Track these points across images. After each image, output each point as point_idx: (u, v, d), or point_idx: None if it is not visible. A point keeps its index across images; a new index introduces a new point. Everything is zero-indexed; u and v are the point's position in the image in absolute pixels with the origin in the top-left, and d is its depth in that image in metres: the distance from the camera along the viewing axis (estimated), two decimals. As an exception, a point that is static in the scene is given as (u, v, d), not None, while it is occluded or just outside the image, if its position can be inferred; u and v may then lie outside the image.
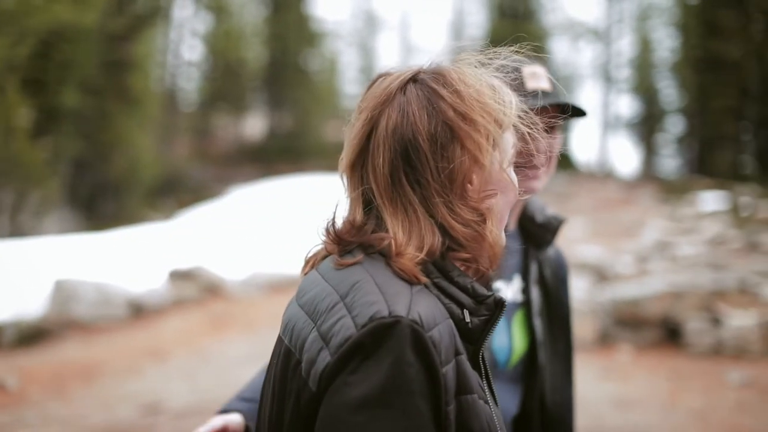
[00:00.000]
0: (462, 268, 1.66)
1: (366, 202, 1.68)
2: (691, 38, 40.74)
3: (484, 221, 1.65)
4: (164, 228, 22.38)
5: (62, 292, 13.34)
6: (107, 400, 9.21)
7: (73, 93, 24.43)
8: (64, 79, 24.23)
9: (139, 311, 14.07)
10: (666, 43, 48.28)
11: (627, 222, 24.15)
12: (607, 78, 51.15)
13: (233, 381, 10.02)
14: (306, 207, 23.13)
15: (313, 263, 1.79)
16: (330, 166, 37.20)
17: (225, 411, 2.34)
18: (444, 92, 1.64)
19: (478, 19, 52.90)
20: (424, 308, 1.51)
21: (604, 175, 44.82)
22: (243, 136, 45.54)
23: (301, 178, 31.32)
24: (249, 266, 17.41)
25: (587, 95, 70.02)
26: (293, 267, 17.49)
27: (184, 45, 42.79)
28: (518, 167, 1.79)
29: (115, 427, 8.20)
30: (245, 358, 11.21)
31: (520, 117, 1.73)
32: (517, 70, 1.95)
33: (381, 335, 1.45)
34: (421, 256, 1.59)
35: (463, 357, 1.56)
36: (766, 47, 34.05)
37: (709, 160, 37.77)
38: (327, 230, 1.75)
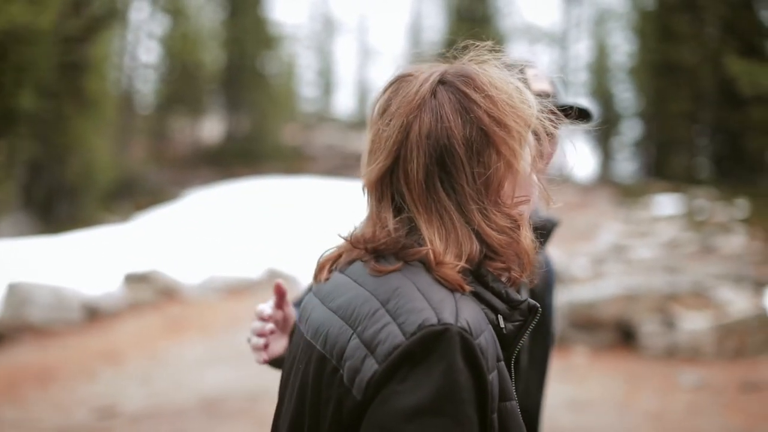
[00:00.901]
0: (495, 275, 1.63)
1: (397, 209, 1.65)
2: (647, 43, 41.03)
3: (518, 227, 1.63)
4: (120, 231, 22.26)
5: (17, 295, 13.22)
6: (62, 404, 9.15)
7: (29, 95, 24.21)
8: (19, 81, 24.00)
9: (94, 315, 13.97)
10: (623, 47, 48.61)
11: (583, 225, 24.27)
12: (564, 82, 51.38)
13: (189, 384, 10.01)
14: (263, 210, 23.10)
15: (330, 268, 1.76)
16: (288, 169, 37.19)
17: None
18: (476, 96, 1.62)
19: (435, 23, 53.07)
20: (470, 315, 1.50)
21: (560, 178, 44.99)
22: (200, 139, 45.37)
23: (259, 182, 31.26)
24: (205, 269, 17.35)
25: (544, 99, 70.53)
26: (250, 270, 17.48)
27: (141, 47, 42.58)
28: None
29: (70, 431, 8.16)
30: (201, 361, 11.19)
31: (543, 119, 1.71)
32: (521, 71, 1.91)
33: (431, 343, 1.43)
34: (461, 264, 1.57)
35: (503, 363, 1.54)
36: (720, 52, 34.36)
37: (665, 163, 38.11)
38: (354, 236, 1.71)
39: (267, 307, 2.06)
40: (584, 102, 2.76)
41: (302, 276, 17.33)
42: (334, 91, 64.21)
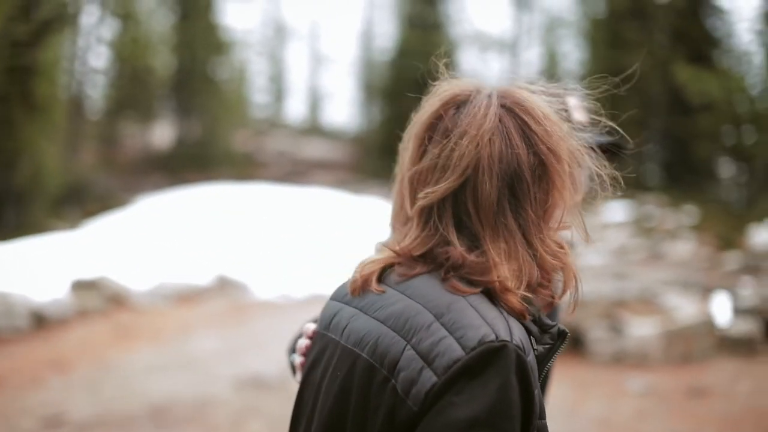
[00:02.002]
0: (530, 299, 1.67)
1: (457, 227, 1.67)
2: (597, 50, 41.39)
3: (566, 253, 1.71)
4: (69, 237, 22.07)
5: (-37, 302, 13.09)
6: (8, 413, 9.05)
7: (-24, 100, 23.96)
8: (-34, 85, 23.75)
9: (41, 322, 13.81)
10: (573, 54, 48.98)
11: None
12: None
13: (138, 392, 9.94)
14: (214, 217, 23.02)
15: (378, 279, 1.75)
16: (239, 175, 37.11)
17: None
18: (535, 127, 1.67)
19: (387, 30, 53.14)
20: (521, 334, 1.56)
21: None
22: (151, 144, 45.11)
23: (210, 188, 31.16)
24: (155, 276, 17.25)
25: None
26: (200, 277, 17.41)
27: (91, 52, 42.25)
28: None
29: (15, 440, 8.08)
30: (150, 369, 11.12)
31: (584, 153, 1.80)
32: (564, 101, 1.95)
33: (489, 358, 1.48)
34: (521, 291, 1.61)
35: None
36: (670, 60, 34.74)
37: (616, 170, 38.48)
38: (402, 248, 1.72)
39: (313, 325, 2.04)
40: (618, 138, 2.82)
41: (252, 282, 17.31)
42: (285, 97, 64.15)
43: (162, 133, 45.44)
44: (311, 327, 2.02)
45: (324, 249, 20.62)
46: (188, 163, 40.48)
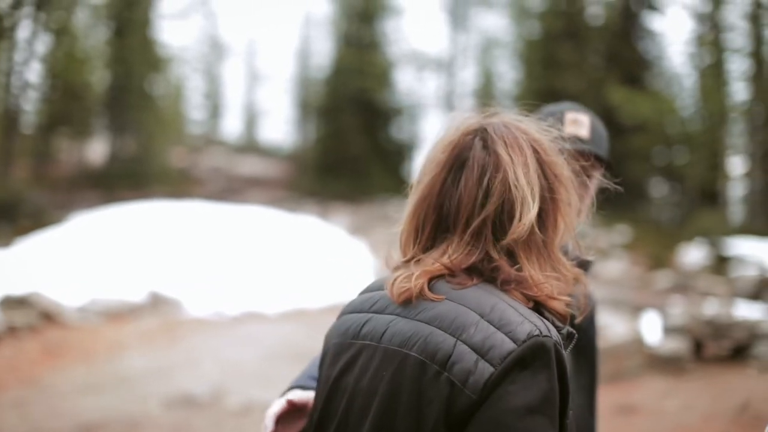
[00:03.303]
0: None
1: (493, 242, 1.82)
2: (532, 71, 41.76)
3: (569, 266, 1.92)
4: (0, 255, 21.79)
5: None
6: (-66, 432, 8.95)
7: None
8: None
9: (-30, 340, 13.66)
10: (508, 74, 49.37)
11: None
12: (450, 108, 51.94)
13: (68, 411, 9.84)
14: (148, 234, 22.86)
15: (429, 287, 1.84)
16: (174, 192, 36.78)
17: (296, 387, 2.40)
18: (545, 157, 1.89)
19: (323, 48, 53.18)
20: (555, 331, 1.73)
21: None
22: (86, 160, 44.60)
23: (144, 205, 30.89)
24: (87, 293, 17.08)
25: (431, 125, 70.96)
26: (133, 293, 17.27)
27: (26, 66, 41.73)
28: None
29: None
30: (81, 388, 11.02)
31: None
32: (561, 113, 2.36)
33: (538, 351, 1.65)
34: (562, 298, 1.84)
35: None
36: (603, 81, 35.17)
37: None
38: (451, 261, 1.83)
39: (298, 393, 2.31)
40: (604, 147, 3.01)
41: (186, 299, 17.21)
42: (222, 114, 63.89)
43: (97, 150, 44.98)
44: (295, 396, 2.25)
45: (258, 267, 20.58)
46: (123, 180, 40.05)
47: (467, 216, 1.82)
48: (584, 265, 2.84)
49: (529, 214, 1.80)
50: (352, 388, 1.82)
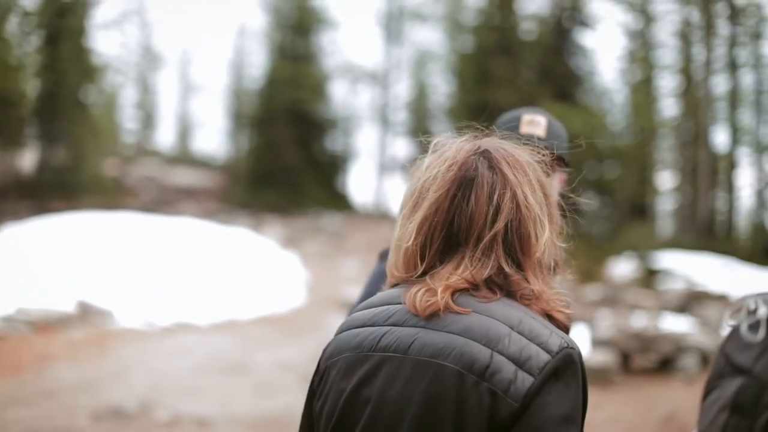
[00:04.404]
0: None
1: (504, 257, 1.90)
2: (465, 84, 41.99)
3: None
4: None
5: None
6: None
7: None
8: None
9: None
10: (442, 88, 49.62)
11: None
12: (384, 120, 52.12)
13: (-8, 423, 9.69)
14: (78, 245, 22.66)
15: (453, 300, 1.89)
16: (106, 203, 36.41)
17: None
18: (540, 179, 2.01)
19: (258, 59, 53.10)
20: (577, 344, 1.84)
21: (379, 215, 45.55)
22: (16, 170, 44.03)
23: (74, 217, 30.58)
24: (14, 302, 16.87)
25: (365, 137, 71.17)
26: (61, 303, 17.07)
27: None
28: None
29: None
30: (7, 400, 10.87)
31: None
32: (518, 116, 2.45)
33: (569, 362, 1.74)
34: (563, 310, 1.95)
35: None
36: (535, 96, 35.51)
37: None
38: (472, 276, 1.89)
39: None
40: (562, 146, 3.10)
41: (116, 310, 17.08)
42: (155, 124, 63.48)
43: (27, 160, 44.41)
44: None
45: (189, 278, 20.50)
46: (54, 191, 39.52)
47: (479, 232, 1.89)
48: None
49: (544, 234, 1.92)
50: (376, 398, 1.84)
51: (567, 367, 1.74)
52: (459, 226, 1.90)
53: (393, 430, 1.81)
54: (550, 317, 1.89)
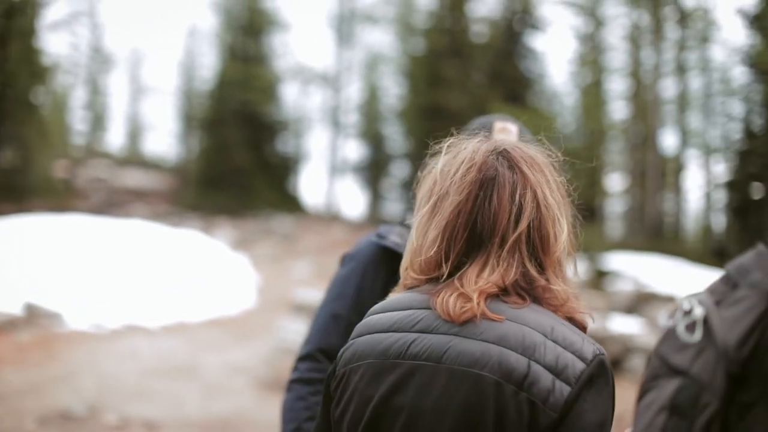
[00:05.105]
0: None
1: (528, 259, 1.90)
2: (416, 87, 42.14)
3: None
4: None
5: None
6: None
7: None
8: None
9: None
10: (393, 90, 49.69)
11: (351, 264, 24.62)
12: (335, 123, 52.05)
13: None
14: (26, 247, 22.47)
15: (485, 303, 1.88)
16: (56, 205, 36.08)
17: None
18: (557, 179, 2.02)
19: (209, 61, 52.87)
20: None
21: (330, 217, 45.52)
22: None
23: (22, 219, 30.28)
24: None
25: (316, 139, 71.07)
26: (8, 305, 16.90)
27: None
28: None
29: None
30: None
31: None
32: (490, 123, 2.48)
33: (603, 369, 1.77)
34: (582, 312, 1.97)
35: None
36: (486, 98, 35.67)
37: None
38: (506, 281, 1.88)
39: None
40: None
41: (64, 312, 16.93)
42: (105, 126, 62.99)
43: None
44: None
45: (139, 280, 20.37)
46: (1, 193, 39.11)
47: (503, 232, 1.89)
48: None
49: (563, 234, 1.93)
50: (410, 408, 1.82)
51: (600, 375, 1.76)
52: (482, 226, 1.90)
53: None
54: (570, 319, 1.91)
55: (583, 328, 1.91)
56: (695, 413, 1.61)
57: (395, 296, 2.03)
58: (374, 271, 3.16)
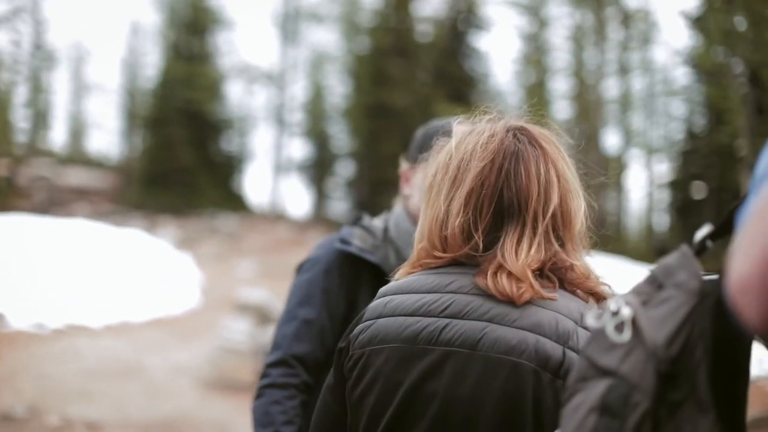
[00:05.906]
0: None
1: (554, 231, 1.91)
2: (361, 86, 42.15)
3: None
4: None
5: None
6: None
7: None
8: None
9: None
10: (338, 89, 49.65)
11: (295, 263, 24.62)
12: (280, 121, 51.87)
13: None
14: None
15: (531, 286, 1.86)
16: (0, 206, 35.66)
17: None
18: (568, 156, 2.02)
19: (152, 59, 52.48)
20: None
21: (275, 216, 45.40)
22: None
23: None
24: None
25: (261, 138, 70.79)
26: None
27: None
28: None
29: None
30: None
31: None
32: (449, 124, 2.33)
33: None
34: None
35: None
36: (430, 97, 35.79)
37: (377, 202, 39.25)
38: (528, 261, 1.87)
39: None
40: None
41: (5, 311, 16.75)
42: (48, 124, 62.26)
43: None
44: None
45: (82, 280, 20.21)
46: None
47: (534, 208, 1.88)
48: None
49: (581, 208, 1.95)
50: (444, 395, 1.81)
51: None
52: (509, 199, 1.89)
53: (470, 428, 1.80)
54: (593, 293, 1.92)
55: (605, 300, 1.91)
56: (626, 413, 1.62)
57: (413, 276, 1.99)
58: (339, 275, 3.15)
